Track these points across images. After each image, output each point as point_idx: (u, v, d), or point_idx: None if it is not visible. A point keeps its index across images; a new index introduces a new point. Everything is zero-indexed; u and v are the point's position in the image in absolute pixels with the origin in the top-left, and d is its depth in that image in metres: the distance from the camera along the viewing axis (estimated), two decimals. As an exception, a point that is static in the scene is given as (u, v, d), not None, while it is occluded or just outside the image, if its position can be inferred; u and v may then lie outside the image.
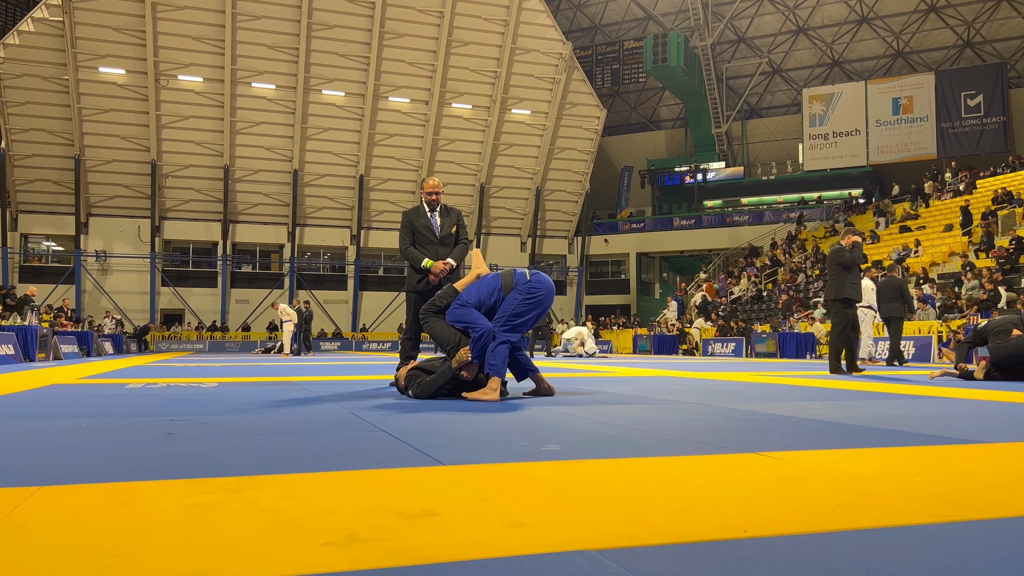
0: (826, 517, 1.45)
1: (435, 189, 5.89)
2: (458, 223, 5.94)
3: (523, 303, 4.47)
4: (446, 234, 5.84)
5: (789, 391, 5.27)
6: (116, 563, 1.14)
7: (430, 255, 5.72)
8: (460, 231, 5.95)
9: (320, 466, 2.03)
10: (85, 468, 2.02)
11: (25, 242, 31.46)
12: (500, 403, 4.11)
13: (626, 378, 7.33)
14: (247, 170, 31.72)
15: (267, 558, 1.17)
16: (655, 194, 41.06)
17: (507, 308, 4.46)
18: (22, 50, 27.64)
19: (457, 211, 6.03)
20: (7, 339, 12.39)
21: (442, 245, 5.81)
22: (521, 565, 1.13)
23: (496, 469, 1.99)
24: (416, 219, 5.85)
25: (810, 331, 18.98)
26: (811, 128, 36.39)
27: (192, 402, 4.14)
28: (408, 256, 5.80)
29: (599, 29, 42.03)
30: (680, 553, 1.20)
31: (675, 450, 2.40)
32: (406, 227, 5.86)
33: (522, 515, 1.45)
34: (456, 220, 5.94)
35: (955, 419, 3.42)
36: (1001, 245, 20.21)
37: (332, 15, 29.51)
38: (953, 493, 1.70)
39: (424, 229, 5.80)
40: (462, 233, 5.97)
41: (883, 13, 36.55)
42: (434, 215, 5.87)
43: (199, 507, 1.51)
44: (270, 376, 7.28)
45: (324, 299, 33.77)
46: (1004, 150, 31.94)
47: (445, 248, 5.82)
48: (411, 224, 5.84)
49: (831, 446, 2.47)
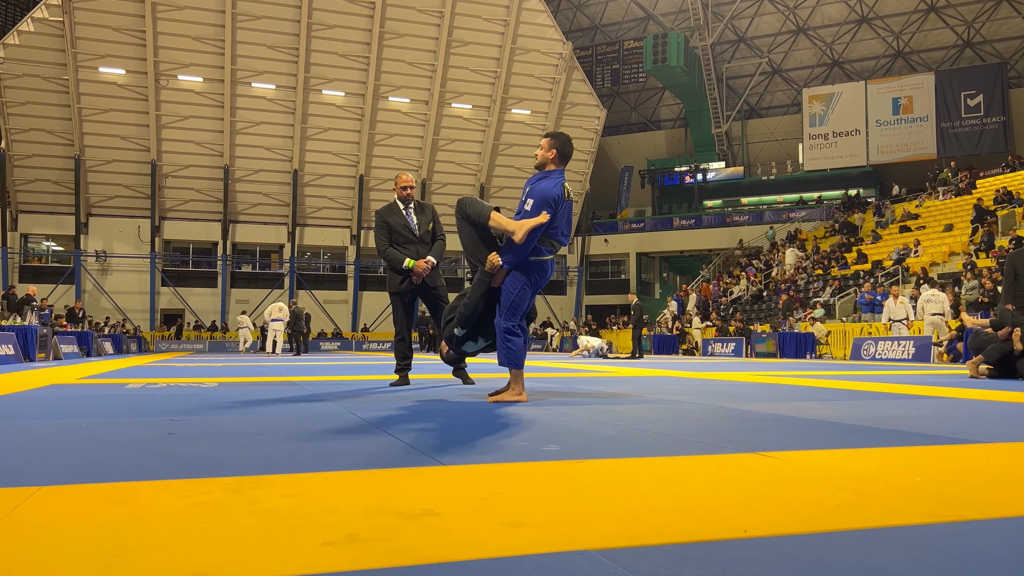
0: (826, 517, 1.45)
1: (407, 183, 5.72)
2: (434, 219, 5.80)
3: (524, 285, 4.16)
4: (424, 232, 5.70)
5: (789, 391, 5.27)
6: (116, 563, 1.14)
7: (410, 254, 5.57)
8: (436, 227, 5.81)
9: (320, 466, 2.04)
10: (85, 468, 2.02)
11: (25, 242, 31.47)
12: (499, 405, 4.10)
13: (626, 378, 7.33)
14: (247, 170, 31.73)
15: (267, 558, 1.17)
16: (655, 194, 41.06)
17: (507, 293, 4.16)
18: (22, 50, 27.64)
19: (431, 206, 5.89)
20: (7, 339, 12.39)
21: (421, 243, 5.67)
22: (521, 565, 1.13)
23: (496, 469, 1.99)
24: (391, 217, 5.67)
25: (810, 331, 18.98)
26: (811, 128, 36.39)
27: (192, 402, 4.14)
28: (388, 257, 5.64)
29: (599, 29, 42.03)
30: (680, 553, 1.20)
31: (675, 450, 2.40)
32: (382, 227, 5.67)
33: (522, 515, 1.45)
34: (432, 216, 5.79)
35: (955, 419, 3.42)
36: (1001, 245, 20.22)
37: (332, 15, 29.51)
38: (953, 493, 1.70)
39: (402, 228, 5.64)
40: (439, 229, 5.83)
41: (883, 13, 36.56)
42: (409, 212, 5.70)
43: (199, 507, 1.51)
44: (270, 376, 7.28)
45: (324, 299, 33.78)
46: (1004, 150, 31.94)
47: (425, 246, 5.68)
48: (387, 223, 5.67)
49: (831, 446, 2.47)
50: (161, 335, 30.60)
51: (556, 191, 4.08)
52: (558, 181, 4.13)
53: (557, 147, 4.16)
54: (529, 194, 4.12)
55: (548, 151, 4.17)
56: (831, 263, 26.30)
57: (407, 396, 4.62)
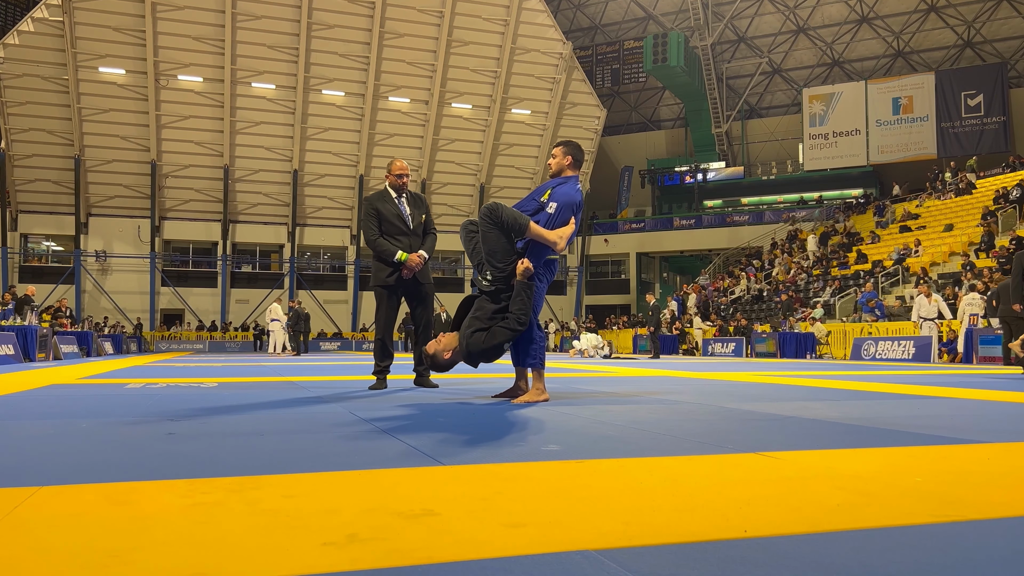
0: (826, 517, 1.45)
1: (403, 171, 5.32)
2: (427, 212, 5.46)
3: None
4: (417, 224, 5.34)
5: (789, 391, 5.27)
6: (116, 563, 1.14)
7: (402, 247, 5.21)
8: (428, 220, 5.46)
9: (320, 466, 2.03)
10: (85, 468, 2.01)
11: (25, 242, 31.47)
12: (500, 403, 4.11)
13: (626, 378, 7.33)
14: (247, 170, 31.73)
15: (267, 558, 1.17)
16: (655, 194, 41.07)
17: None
18: (22, 50, 27.65)
19: (424, 198, 5.55)
20: (7, 339, 12.39)
21: (414, 236, 5.31)
22: (521, 565, 1.13)
23: (496, 469, 1.99)
24: (382, 205, 5.27)
25: (810, 331, 18.98)
26: (811, 128, 36.40)
27: (192, 402, 4.14)
28: (378, 248, 5.22)
29: (599, 29, 42.03)
30: (680, 553, 1.20)
31: (675, 450, 2.40)
32: (371, 215, 5.25)
33: (522, 515, 1.45)
34: (425, 209, 5.45)
35: (955, 419, 3.42)
36: (1001, 245, 20.22)
37: (332, 15, 29.52)
38: (953, 493, 1.70)
39: (394, 218, 5.25)
40: (430, 222, 5.48)
41: (883, 13, 36.56)
42: (402, 202, 5.32)
43: (199, 507, 1.51)
44: (270, 376, 7.28)
45: (324, 299, 33.78)
46: (1004, 150, 31.96)
47: (416, 239, 5.32)
48: (377, 211, 5.25)
49: (831, 446, 2.47)
50: (161, 335, 30.60)
51: (578, 196, 4.28)
52: (577, 187, 4.33)
53: (571, 153, 4.34)
54: (552, 197, 4.21)
55: (564, 158, 4.33)
56: (831, 263, 26.31)
57: (406, 397, 4.62)
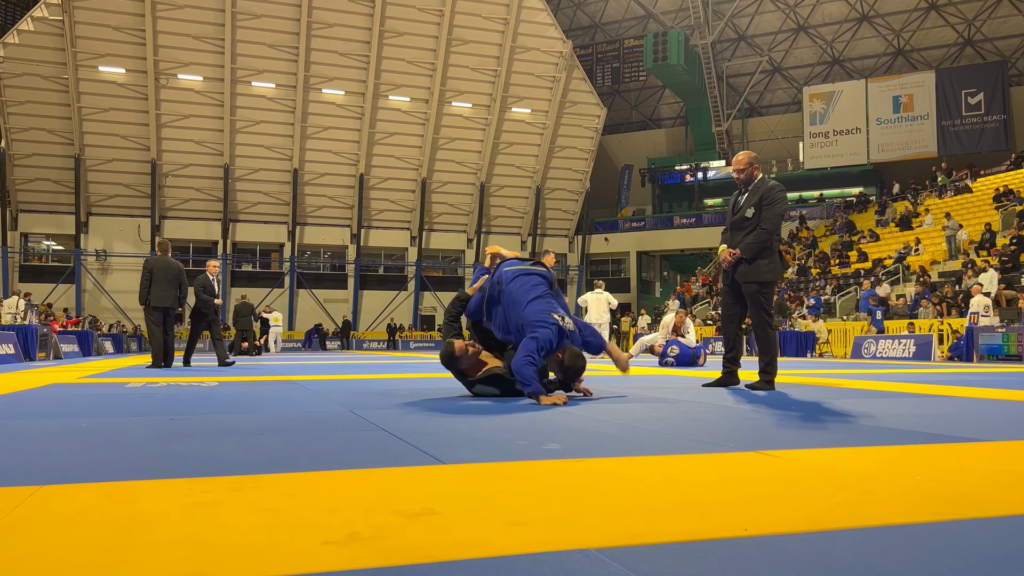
0: (826, 515, 1.45)
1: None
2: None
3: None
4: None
5: (789, 390, 5.27)
6: (116, 563, 1.13)
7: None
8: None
9: (320, 465, 2.03)
10: (85, 468, 2.01)
11: (25, 241, 31.47)
12: (499, 403, 4.11)
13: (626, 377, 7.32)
14: (247, 169, 31.72)
15: (267, 557, 1.17)
16: (655, 192, 41.05)
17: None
18: (22, 49, 27.64)
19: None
20: (7, 339, 12.40)
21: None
22: (522, 564, 1.13)
23: (497, 468, 1.99)
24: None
25: (810, 329, 18.98)
26: (811, 126, 36.38)
27: (192, 401, 4.14)
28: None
29: (599, 27, 42.01)
30: (681, 552, 1.20)
31: (675, 449, 2.40)
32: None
33: (523, 514, 1.44)
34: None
35: (955, 418, 3.42)
36: (1002, 243, 20.21)
37: (332, 14, 29.51)
38: (953, 491, 1.69)
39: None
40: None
41: (883, 11, 36.53)
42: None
43: (199, 506, 1.51)
44: (270, 376, 7.28)
45: (324, 298, 33.79)
46: (1004, 148, 31.93)
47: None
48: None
49: (831, 444, 2.47)
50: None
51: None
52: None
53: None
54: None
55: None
56: (831, 262, 26.30)
57: (406, 395, 4.62)
